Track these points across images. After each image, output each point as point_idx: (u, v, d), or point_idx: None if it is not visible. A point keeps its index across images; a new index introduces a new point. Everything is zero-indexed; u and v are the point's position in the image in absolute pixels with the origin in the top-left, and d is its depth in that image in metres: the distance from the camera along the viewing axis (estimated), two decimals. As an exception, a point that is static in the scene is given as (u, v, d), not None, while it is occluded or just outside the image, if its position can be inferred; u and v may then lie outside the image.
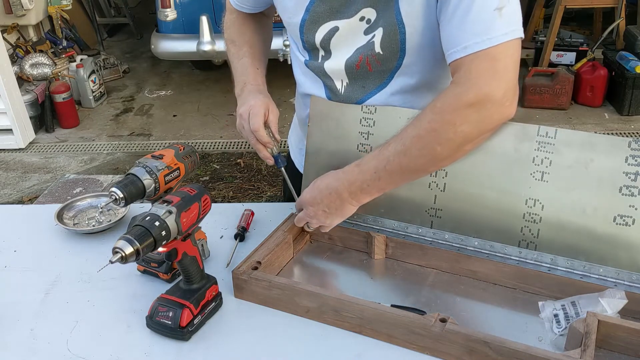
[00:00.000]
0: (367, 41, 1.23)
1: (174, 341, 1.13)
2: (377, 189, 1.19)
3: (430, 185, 1.26)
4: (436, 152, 1.10)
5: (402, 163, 1.13)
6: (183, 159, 1.29)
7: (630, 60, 4.23)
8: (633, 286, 1.13)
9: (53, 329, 1.18)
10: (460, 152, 1.12)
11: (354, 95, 1.31)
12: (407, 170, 1.15)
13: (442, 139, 1.08)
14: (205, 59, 4.84)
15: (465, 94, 1.05)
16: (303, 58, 1.35)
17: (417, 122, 1.11)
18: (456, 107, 1.06)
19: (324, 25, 1.25)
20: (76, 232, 1.47)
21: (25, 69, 4.55)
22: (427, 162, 1.13)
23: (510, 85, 1.06)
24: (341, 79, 1.30)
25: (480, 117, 1.07)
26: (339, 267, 1.33)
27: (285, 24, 1.33)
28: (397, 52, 1.21)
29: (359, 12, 1.20)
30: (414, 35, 1.18)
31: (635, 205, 1.11)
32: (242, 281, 1.20)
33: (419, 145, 1.11)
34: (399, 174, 1.16)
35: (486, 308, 1.18)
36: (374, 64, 1.25)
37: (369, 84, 1.29)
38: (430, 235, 1.29)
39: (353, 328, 1.13)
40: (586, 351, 0.97)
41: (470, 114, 1.06)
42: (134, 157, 4.07)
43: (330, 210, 1.24)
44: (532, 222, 1.19)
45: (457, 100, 1.06)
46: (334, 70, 1.29)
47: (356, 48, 1.25)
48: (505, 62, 1.05)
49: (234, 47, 1.45)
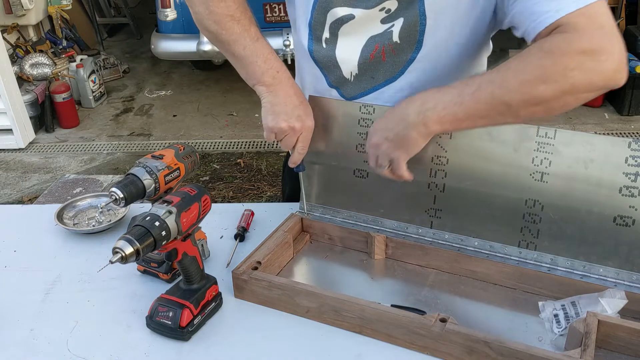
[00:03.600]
0: (384, 30, 1.20)
1: (174, 341, 1.13)
2: (452, 117, 1.04)
3: (429, 186, 1.26)
4: (537, 91, 0.98)
5: (495, 93, 1.01)
6: (183, 159, 1.29)
7: (631, 60, 4.23)
8: (633, 286, 1.13)
9: (53, 329, 1.18)
10: (558, 103, 0.99)
11: (362, 85, 1.28)
12: (496, 103, 1.01)
13: (549, 79, 0.97)
14: (205, 59, 4.84)
15: (578, 40, 0.96)
16: (306, 45, 1.29)
17: (523, 57, 1.00)
18: (568, 51, 0.96)
19: (339, 8, 1.20)
20: (76, 232, 1.47)
21: (25, 69, 4.55)
22: (521, 102, 1.00)
23: (622, 46, 0.97)
24: (351, 70, 1.27)
25: (594, 66, 0.96)
26: (339, 267, 1.33)
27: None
28: (414, 43, 1.19)
29: (381, 3, 1.17)
30: (433, 28, 1.16)
31: (635, 206, 1.11)
32: (242, 281, 1.20)
33: (521, 79, 0.99)
34: (485, 105, 1.02)
35: (486, 308, 1.18)
36: (388, 53, 1.22)
37: (379, 75, 1.26)
38: (430, 235, 1.29)
39: (353, 328, 1.13)
40: (586, 351, 0.97)
41: (585, 61, 0.96)
42: (134, 157, 4.07)
43: (395, 138, 1.10)
44: (532, 223, 1.19)
45: (568, 45, 0.96)
46: (345, 59, 1.26)
47: (370, 36, 1.21)
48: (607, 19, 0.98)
49: (237, 25, 1.19)
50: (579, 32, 0.96)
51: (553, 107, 1.00)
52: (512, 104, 1.01)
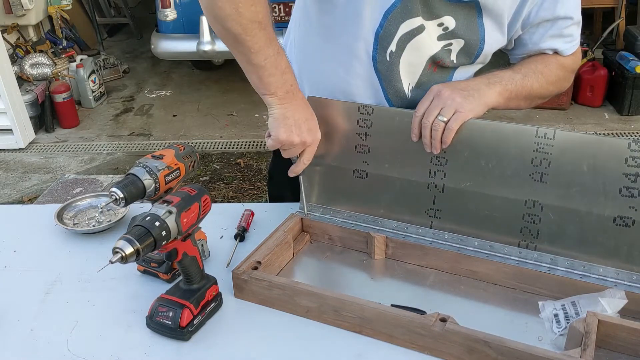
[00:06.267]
0: (441, 47, 1.26)
1: (174, 341, 1.13)
2: (509, 93, 1.26)
3: (429, 186, 1.26)
4: (551, 91, 1.35)
5: (534, 85, 1.30)
6: (183, 159, 1.29)
7: (630, 60, 4.23)
8: (633, 286, 1.13)
9: (53, 329, 1.18)
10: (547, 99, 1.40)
11: (416, 100, 1.28)
12: (533, 92, 1.31)
13: (558, 84, 1.36)
14: (205, 59, 4.84)
15: (577, 63, 1.39)
16: (371, 54, 1.27)
17: (545, 63, 1.33)
18: (572, 69, 1.39)
19: (411, 20, 1.22)
20: (76, 232, 1.47)
21: (25, 69, 4.55)
22: (541, 95, 1.34)
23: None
24: (409, 82, 1.31)
25: (570, 81, 1.41)
26: (339, 267, 1.33)
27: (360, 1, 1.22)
28: (466, 62, 1.30)
29: (440, 17, 1.22)
30: (486, 49, 1.30)
31: (635, 207, 1.11)
32: (242, 281, 1.20)
33: (547, 80, 1.32)
34: (526, 90, 1.29)
35: (486, 308, 1.18)
36: (440, 68, 1.30)
37: (430, 85, 1.28)
38: (430, 235, 1.29)
39: (353, 328, 1.13)
40: (586, 351, 0.97)
41: (571, 77, 1.40)
42: (134, 157, 4.07)
43: (470, 92, 1.21)
44: (532, 223, 1.19)
45: (573, 66, 1.38)
46: (410, 71, 1.29)
47: (431, 50, 1.27)
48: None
49: (262, 33, 1.13)
50: (576, 57, 1.37)
51: (542, 102, 1.38)
52: (538, 95, 1.33)
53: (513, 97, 1.27)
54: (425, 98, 1.23)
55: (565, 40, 1.32)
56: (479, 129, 1.20)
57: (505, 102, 1.26)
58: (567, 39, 1.32)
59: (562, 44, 1.32)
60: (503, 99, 1.25)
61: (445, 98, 1.19)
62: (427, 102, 1.21)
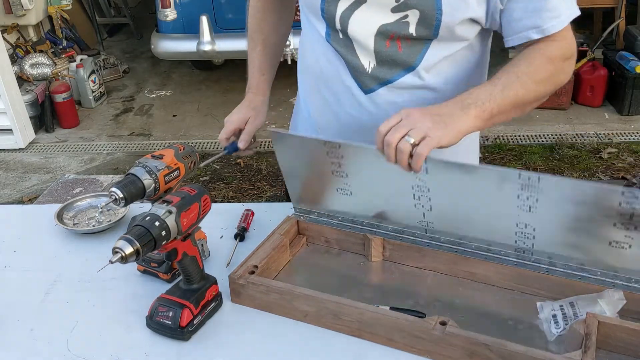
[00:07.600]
0: (396, 19, 1.22)
1: (174, 341, 1.13)
2: (489, 113, 1.13)
3: (416, 206, 1.22)
4: (545, 91, 1.20)
5: (519, 93, 1.16)
6: (183, 159, 1.29)
7: (630, 60, 4.22)
8: (632, 286, 1.13)
9: (53, 329, 1.18)
10: (545, 99, 1.23)
11: (382, 75, 1.28)
12: (518, 100, 1.17)
13: (552, 81, 1.21)
14: (205, 59, 4.83)
15: (567, 48, 1.20)
16: (323, 32, 1.31)
17: (529, 60, 1.19)
18: (563, 58, 1.21)
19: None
20: (76, 232, 1.47)
21: (25, 69, 4.55)
22: (534, 99, 1.20)
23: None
24: (369, 60, 1.28)
25: (570, 69, 1.23)
26: (336, 270, 1.32)
27: None
28: (430, 36, 1.22)
29: None
30: (445, 20, 1.19)
31: (631, 236, 1.06)
32: (239, 286, 1.20)
33: (535, 80, 1.18)
34: (510, 101, 1.15)
35: (485, 309, 1.18)
36: (404, 44, 1.25)
37: (397, 65, 1.27)
38: (428, 237, 1.29)
39: (352, 332, 1.12)
40: (587, 352, 0.97)
41: (568, 65, 1.22)
42: (134, 157, 4.06)
43: (442, 117, 1.09)
44: (525, 238, 1.16)
45: (562, 53, 1.20)
46: (362, 47, 1.27)
47: (381, 24, 1.23)
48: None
49: (251, 42, 1.51)
50: (567, 41, 1.19)
51: (541, 103, 1.22)
52: (528, 101, 1.19)
53: (496, 113, 1.13)
54: (392, 117, 1.11)
55: (550, 15, 1.16)
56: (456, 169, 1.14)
57: (486, 122, 1.14)
58: (551, 13, 1.16)
59: (546, 20, 1.16)
60: (481, 121, 1.12)
61: (414, 120, 1.08)
62: (394, 121, 1.10)
